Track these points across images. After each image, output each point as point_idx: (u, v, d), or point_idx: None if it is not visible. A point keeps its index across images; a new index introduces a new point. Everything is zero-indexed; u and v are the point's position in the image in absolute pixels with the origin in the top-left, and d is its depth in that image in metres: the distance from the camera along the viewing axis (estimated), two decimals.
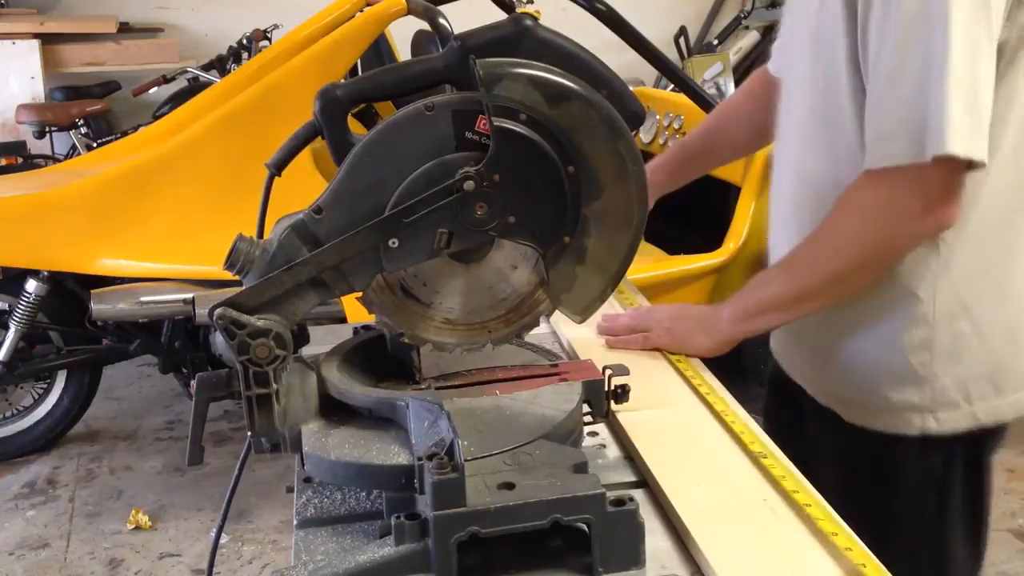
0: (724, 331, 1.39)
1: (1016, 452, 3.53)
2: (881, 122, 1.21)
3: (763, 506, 1.01)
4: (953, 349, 1.32)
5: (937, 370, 1.32)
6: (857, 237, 1.27)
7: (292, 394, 1.06)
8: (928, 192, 1.20)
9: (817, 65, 1.34)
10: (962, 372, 1.33)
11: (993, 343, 1.33)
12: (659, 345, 1.42)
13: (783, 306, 1.35)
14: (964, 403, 1.34)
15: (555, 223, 1.00)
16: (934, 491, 1.39)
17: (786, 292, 1.35)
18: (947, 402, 1.33)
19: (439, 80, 1.04)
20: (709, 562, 0.92)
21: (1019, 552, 2.95)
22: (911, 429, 1.35)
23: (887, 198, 1.23)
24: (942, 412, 1.34)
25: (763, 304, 1.37)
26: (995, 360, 1.34)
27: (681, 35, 6.42)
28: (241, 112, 3.08)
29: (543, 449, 0.96)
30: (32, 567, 2.98)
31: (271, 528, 3.13)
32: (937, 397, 1.33)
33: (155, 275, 3.18)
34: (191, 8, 6.34)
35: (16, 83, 5.29)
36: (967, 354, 1.32)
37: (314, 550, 0.97)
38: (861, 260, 1.28)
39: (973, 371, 1.33)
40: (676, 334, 1.41)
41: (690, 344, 1.41)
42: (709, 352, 1.40)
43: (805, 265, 1.33)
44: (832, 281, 1.31)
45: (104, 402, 3.96)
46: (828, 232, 1.30)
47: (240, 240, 1.00)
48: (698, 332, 1.41)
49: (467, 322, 1.08)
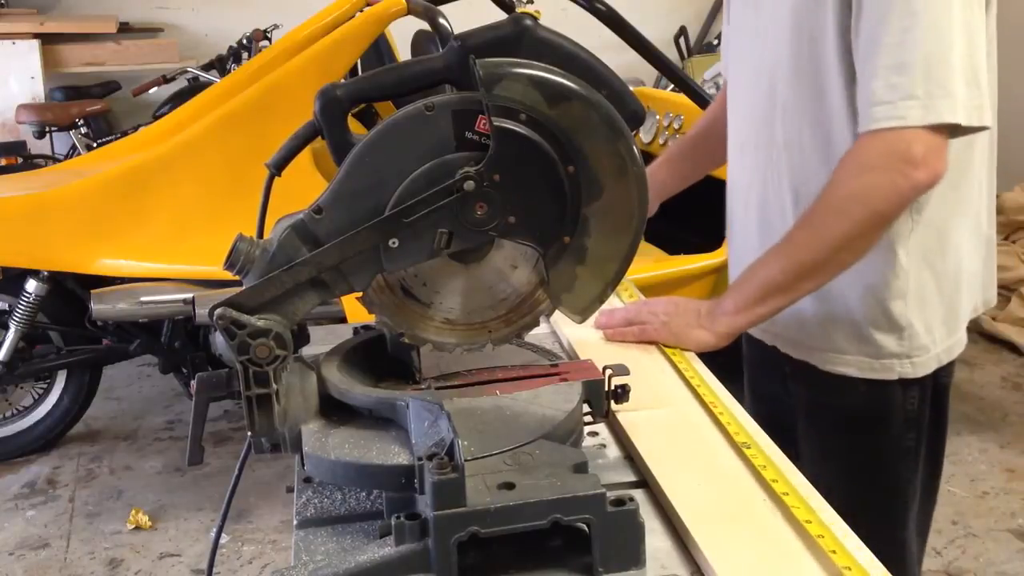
0: (726, 323, 1.39)
1: (1016, 452, 3.54)
2: (878, 87, 1.27)
3: (763, 505, 1.01)
4: (920, 296, 1.43)
5: (911, 317, 1.44)
6: (862, 195, 1.29)
7: (292, 394, 1.06)
8: (926, 147, 1.26)
9: (801, 43, 1.39)
10: (928, 317, 1.45)
11: (946, 289, 1.45)
12: (655, 338, 1.42)
13: (787, 286, 1.36)
14: (931, 346, 1.46)
15: (555, 223, 1.00)
16: (913, 432, 1.50)
17: (790, 270, 1.35)
18: (919, 346, 1.45)
19: (439, 80, 1.04)
20: (709, 562, 0.92)
21: (1019, 552, 2.95)
22: (890, 374, 1.46)
23: (887, 155, 1.27)
24: (916, 356, 1.45)
25: (766, 287, 1.37)
26: (948, 304, 1.46)
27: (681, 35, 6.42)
28: (241, 112, 3.08)
29: (543, 449, 0.96)
30: (32, 567, 2.98)
31: (271, 528, 3.13)
32: (912, 342, 1.45)
33: (155, 275, 3.18)
34: (191, 8, 6.34)
35: (16, 83, 5.29)
36: (930, 300, 1.44)
37: (314, 550, 0.97)
38: (867, 218, 1.30)
39: (935, 316, 1.45)
40: (673, 328, 1.42)
41: (688, 338, 1.41)
42: (709, 346, 1.41)
43: (808, 237, 1.34)
44: (838, 246, 1.32)
45: (104, 402, 3.97)
46: (830, 198, 1.32)
47: (240, 240, 1.00)
48: (696, 326, 1.41)
49: (467, 322, 1.08)
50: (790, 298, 1.38)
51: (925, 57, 1.24)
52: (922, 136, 1.25)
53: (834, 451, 1.53)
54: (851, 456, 1.52)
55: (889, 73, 1.26)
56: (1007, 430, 3.72)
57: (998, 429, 3.72)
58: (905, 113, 1.25)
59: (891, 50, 1.25)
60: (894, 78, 1.25)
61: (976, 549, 2.96)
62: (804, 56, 1.40)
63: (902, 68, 1.25)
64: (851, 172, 1.31)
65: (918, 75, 1.24)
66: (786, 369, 1.57)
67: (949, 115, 1.25)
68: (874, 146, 1.29)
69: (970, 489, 3.29)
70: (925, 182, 1.28)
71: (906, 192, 1.29)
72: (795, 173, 1.46)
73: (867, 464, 1.51)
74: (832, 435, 1.54)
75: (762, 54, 1.49)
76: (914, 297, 1.43)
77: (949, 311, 1.47)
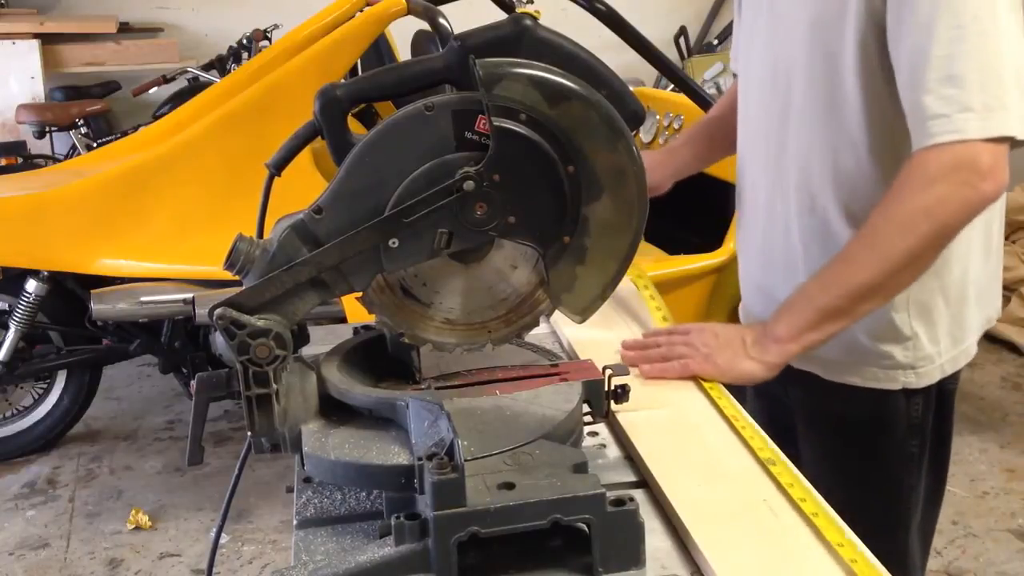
0: (777, 352, 1.33)
1: (1016, 452, 3.54)
2: (931, 102, 1.23)
3: (763, 506, 1.02)
4: (925, 307, 1.42)
5: (916, 328, 1.42)
6: (929, 209, 1.24)
7: (292, 394, 1.06)
8: (993, 157, 1.22)
9: (816, 52, 1.37)
10: (932, 328, 1.43)
11: (951, 299, 1.43)
12: (699, 374, 1.32)
13: (845, 311, 1.30)
14: (936, 356, 1.44)
15: (555, 223, 1.00)
16: (917, 439, 1.48)
17: (849, 293, 1.29)
18: (924, 357, 1.43)
19: (439, 80, 1.04)
20: (709, 562, 0.92)
21: (1019, 552, 2.95)
22: (895, 384, 1.44)
23: (954, 167, 1.22)
24: (921, 367, 1.44)
25: (823, 312, 1.30)
26: (953, 314, 1.44)
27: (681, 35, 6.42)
28: (241, 112, 3.08)
29: (543, 449, 0.96)
30: (32, 567, 2.98)
31: (271, 528, 3.13)
32: (916, 353, 1.43)
33: (155, 275, 3.18)
34: (191, 8, 6.34)
35: (16, 83, 5.29)
36: (935, 311, 1.42)
37: (314, 550, 0.97)
38: (934, 233, 1.25)
39: (940, 326, 1.43)
40: (720, 362, 1.33)
41: (737, 371, 1.33)
42: (759, 380, 1.34)
43: (869, 256, 1.28)
44: (902, 264, 1.26)
45: (104, 402, 3.96)
46: (893, 213, 1.27)
47: (240, 240, 1.00)
48: (745, 357, 1.33)
49: (467, 322, 1.08)
50: (846, 323, 1.32)
51: (978, 69, 1.21)
52: (987, 147, 1.21)
53: (834, 454, 1.52)
54: (851, 460, 1.51)
55: (942, 86, 1.21)
56: (1007, 430, 3.72)
57: (998, 429, 3.72)
58: (963, 126, 1.21)
59: (941, 62, 1.22)
60: (948, 90, 1.21)
61: (976, 549, 2.96)
62: (818, 69, 1.37)
63: (955, 80, 1.21)
64: (916, 186, 1.24)
65: (973, 87, 1.21)
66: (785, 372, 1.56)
67: (1006, 127, 1.21)
68: (938, 159, 1.23)
69: (970, 489, 3.29)
70: (992, 194, 1.23)
71: (975, 204, 1.24)
72: (800, 181, 1.44)
73: (868, 468, 1.50)
74: (832, 439, 1.53)
75: (775, 63, 1.46)
76: (918, 307, 1.41)
77: (955, 321, 1.44)
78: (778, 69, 1.46)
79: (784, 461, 1.11)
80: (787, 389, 1.57)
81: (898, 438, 1.47)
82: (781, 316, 1.34)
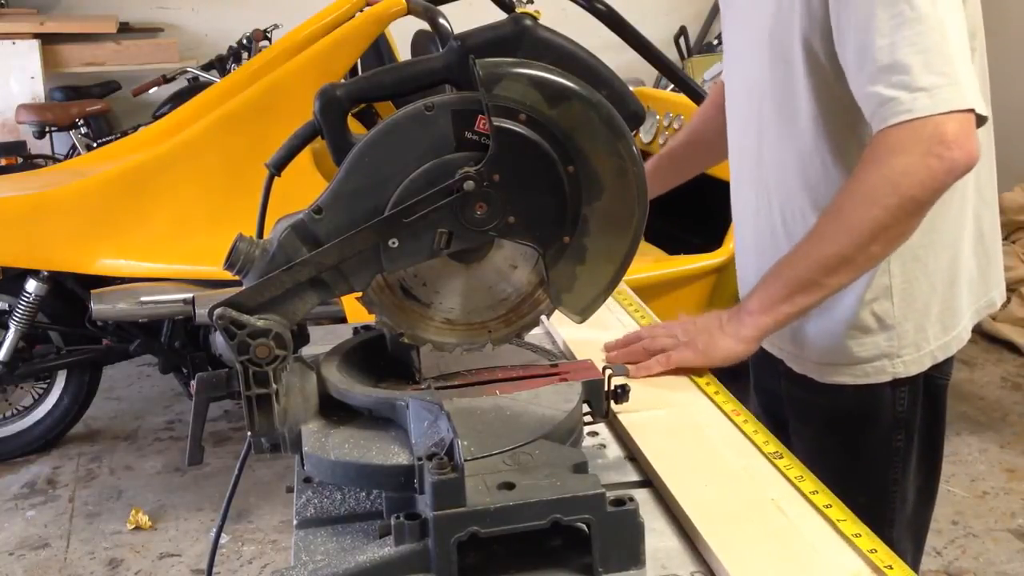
0: (751, 324, 1.33)
1: (1016, 452, 3.54)
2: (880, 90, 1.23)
3: (771, 505, 1.01)
4: (909, 295, 1.42)
5: (899, 316, 1.42)
6: (892, 180, 1.22)
7: (292, 394, 1.06)
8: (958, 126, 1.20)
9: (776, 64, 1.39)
10: (918, 316, 1.43)
11: (938, 286, 1.43)
12: (683, 361, 1.34)
13: (813, 283, 1.29)
14: (924, 343, 1.44)
15: (555, 223, 1.00)
16: (903, 429, 1.48)
17: (816, 265, 1.29)
18: (909, 344, 1.43)
19: (439, 80, 1.04)
20: (721, 562, 0.91)
21: (1019, 552, 2.95)
22: (883, 376, 1.45)
23: (916, 139, 1.21)
24: (907, 355, 1.44)
25: (791, 284, 1.31)
26: (942, 301, 1.44)
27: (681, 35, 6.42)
28: (241, 112, 3.08)
29: (543, 449, 0.96)
30: (32, 567, 2.98)
31: (271, 528, 3.13)
32: (901, 341, 1.43)
33: (155, 275, 3.18)
34: (191, 8, 6.34)
35: (16, 83, 5.29)
36: (920, 298, 1.43)
37: (314, 550, 0.97)
38: (899, 205, 1.23)
39: (927, 313, 1.43)
40: (699, 345, 1.34)
41: (716, 350, 1.34)
42: (738, 356, 1.34)
43: (835, 229, 1.28)
44: (868, 237, 1.25)
45: (104, 402, 3.96)
46: (857, 185, 1.26)
47: (240, 240, 1.00)
48: (721, 337, 1.34)
49: (467, 322, 1.08)
50: (818, 296, 1.31)
51: (921, 52, 1.20)
52: (949, 118, 1.19)
53: (823, 449, 1.52)
54: (839, 455, 1.51)
55: (888, 74, 1.22)
56: (1007, 430, 3.72)
57: (998, 429, 3.72)
58: (914, 106, 1.20)
59: (884, 52, 1.22)
60: (895, 77, 1.21)
61: (976, 549, 2.96)
62: (780, 79, 1.39)
63: (900, 67, 1.21)
64: (878, 160, 1.23)
65: (918, 70, 1.20)
66: (780, 368, 1.57)
67: (961, 101, 1.20)
68: (896, 135, 1.22)
69: (970, 489, 3.29)
70: (963, 163, 1.20)
71: (941, 175, 1.21)
72: (780, 193, 1.46)
73: (854, 464, 1.50)
74: (822, 433, 1.54)
75: (746, 75, 1.49)
76: (902, 294, 1.41)
77: (945, 307, 1.44)
78: (749, 81, 1.48)
79: (791, 455, 1.11)
80: (781, 383, 1.59)
81: (883, 432, 1.47)
82: (755, 292, 1.36)
